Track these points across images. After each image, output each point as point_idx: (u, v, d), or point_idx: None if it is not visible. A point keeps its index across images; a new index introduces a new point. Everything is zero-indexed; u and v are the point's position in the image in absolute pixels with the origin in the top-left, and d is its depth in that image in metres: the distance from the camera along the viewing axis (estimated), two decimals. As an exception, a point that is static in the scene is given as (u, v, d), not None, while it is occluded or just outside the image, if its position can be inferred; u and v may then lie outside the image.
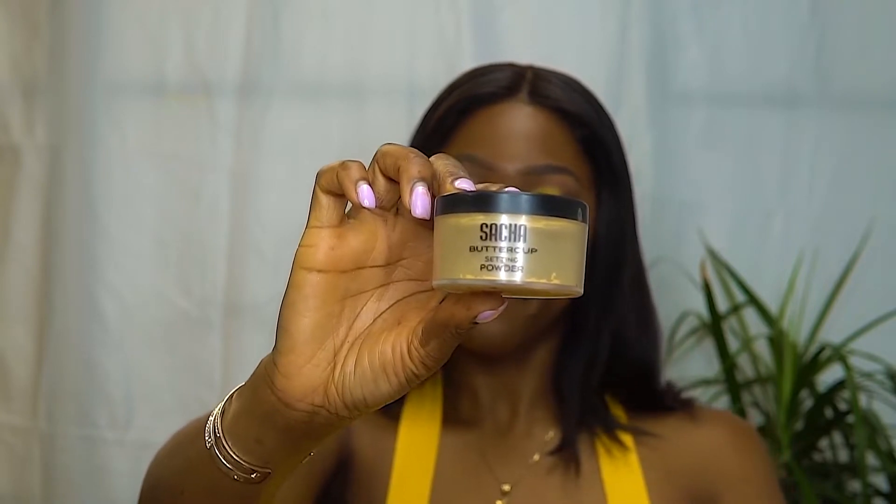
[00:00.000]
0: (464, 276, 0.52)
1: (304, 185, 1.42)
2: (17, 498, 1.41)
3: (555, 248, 0.52)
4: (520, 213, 0.51)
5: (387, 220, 0.58)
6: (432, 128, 0.94)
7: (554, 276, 0.52)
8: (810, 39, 1.37)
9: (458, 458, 0.95)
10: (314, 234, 0.56)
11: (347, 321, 0.57)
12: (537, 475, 0.94)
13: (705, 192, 1.38)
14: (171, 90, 1.39)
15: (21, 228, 1.41)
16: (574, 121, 0.92)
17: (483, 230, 0.51)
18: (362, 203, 0.54)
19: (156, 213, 1.39)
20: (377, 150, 0.56)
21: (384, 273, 0.58)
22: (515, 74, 0.95)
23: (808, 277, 1.35)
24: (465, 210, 0.52)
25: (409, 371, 0.56)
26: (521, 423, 0.97)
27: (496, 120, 0.91)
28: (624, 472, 0.94)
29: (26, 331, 1.41)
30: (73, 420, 1.38)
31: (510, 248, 0.51)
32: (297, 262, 0.56)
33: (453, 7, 1.36)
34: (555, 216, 0.52)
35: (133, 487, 1.35)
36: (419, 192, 0.53)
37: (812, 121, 1.38)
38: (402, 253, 0.58)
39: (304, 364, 0.56)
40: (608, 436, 0.95)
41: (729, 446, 0.97)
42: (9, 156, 1.41)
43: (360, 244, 0.57)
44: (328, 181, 0.56)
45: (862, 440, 1.17)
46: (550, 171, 0.90)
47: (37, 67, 1.41)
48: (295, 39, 1.37)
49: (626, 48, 1.36)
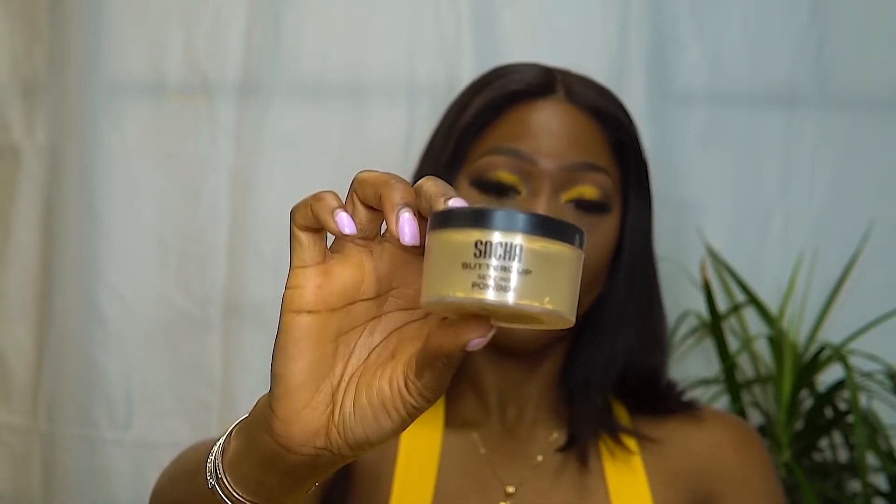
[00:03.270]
0: (454, 294, 0.49)
1: (304, 185, 1.42)
2: (17, 497, 1.41)
3: (550, 271, 0.50)
4: (516, 232, 0.49)
5: (372, 250, 0.56)
6: (467, 123, 0.93)
7: (547, 300, 0.50)
8: (810, 39, 1.37)
9: (461, 460, 0.95)
10: (298, 274, 0.54)
11: (342, 359, 0.56)
12: (541, 477, 0.94)
13: (705, 192, 1.38)
14: (171, 90, 1.39)
15: (21, 228, 1.41)
16: (609, 123, 0.94)
17: (477, 247, 0.49)
18: (342, 231, 0.53)
19: (156, 213, 1.39)
20: (353, 179, 0.54)
21: (375, 305, 0.56)
22: (546, 73, 0.96)
23: (808, 277, 1.35)
24: (459, 225, 0.50)
25: (410, 405, 0.54)
26: (526, 424, 0.97)
27: (536, 116, 0.92)
28: (628, 475, 0.94)
29: (26, 330, 1.41)
30: (73, 420, 1.38)
31: (504, 268, 0.49)
32: (285, 305, 0.55)
33: (453, 7, 1.36)
34: (552, 238, 0.50)
35: (133, 487, 1.36)
36: (405, 218, 0.51)
37: (812, 121, 1.38)
38: (392, 282, 0.56)
39: (301, 409, 0.54)
40: (612, 439, 0.95)
41: (729, 447, 0.97)
42: (9, 156, 1.42)
43: (348, 279, 0.55)
44: (303, 217, 0.54)
45: (862, 440, 1.16)
46: (589, 170, 0.91)
47: (37, 67, 1.41)
48: (295, 39, 1.37)
49: (626, 48, 1.36)
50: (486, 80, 0.97)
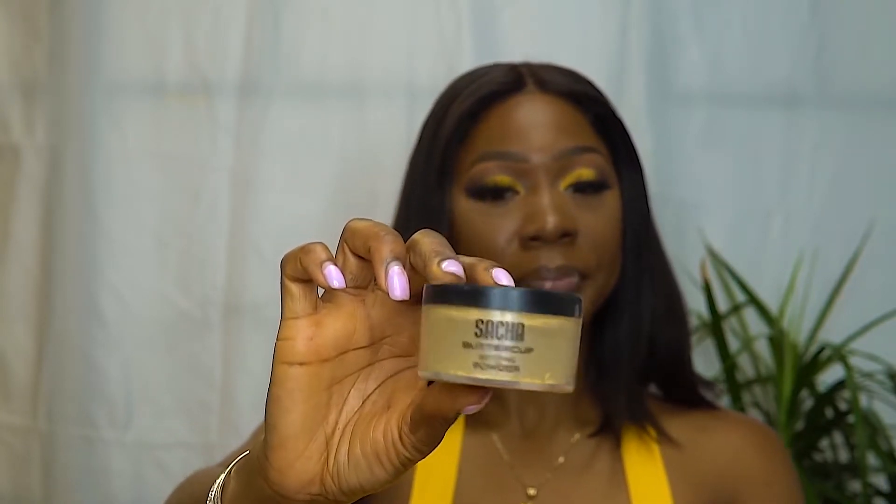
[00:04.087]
0: (456, 373, 0.49)
1: (304, 186, 1.43)
2: (17, 497, 1.41)
3: (550, 346, 0.50)
4: (517, 311, 0.49)
5: (365, 298, 0.56)
6: (448, 136, 0.93)
7: (548, 376, 0.50)
8: (810, 39, 1.37)
9: (481, 462, 0.94)
10: (290, 325, 0.54)
11: (336, 408, 0.55)
12: (563, 478, 0.94)
13: (705, 192, 1.38)
14: (171, 90, 1.39)
15: (21, 228, 1.41)
16: (585, 102, 0.94)
17: (478, 326, 0.49)
18: (331, 285, 0.52)
19: (156, 213, 1.39)
20: (344, 227, 0.54)
21: (369, 353, 0.56)
22: (513, 69, 0.96)
23: (809, 277, 1.35)
24: (459, 303, 0.49)
25: (403, 457, 0.54)
26: (547, 425, 0.96)
27: (515, 113, 0.92)
28: (648, 470, 0.93)
29: (26, 330, 1.41)
30: (73, 420, 1.38)
31: (506, 347, 0.49)
32: (277, 357, 0.54)
33: (453, 7, 1.36)
34: (553, 314, 0.50)
35: (133, 487, 1.36)
36: (395, 272, 0.51)
37: (812, 121, 1.38)
38: (385, 330, 0.56)
39: (296, 459, 0.54)
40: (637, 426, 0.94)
41: (751, 450, 0.97)
42: (9, 156, 1.41)
43: (340, 329, 0.55)
44: (293, 269, 0.54)
45: (862, 440, 1.16)
46: (580, 152, 0.91)
47: (37, 67, 1.41)
48: (295, 39, 1.37)
49: (626, 48, 1.36)
50: (455, 91, 0.97)
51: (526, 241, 0.89)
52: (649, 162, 1.35)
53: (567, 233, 0.88)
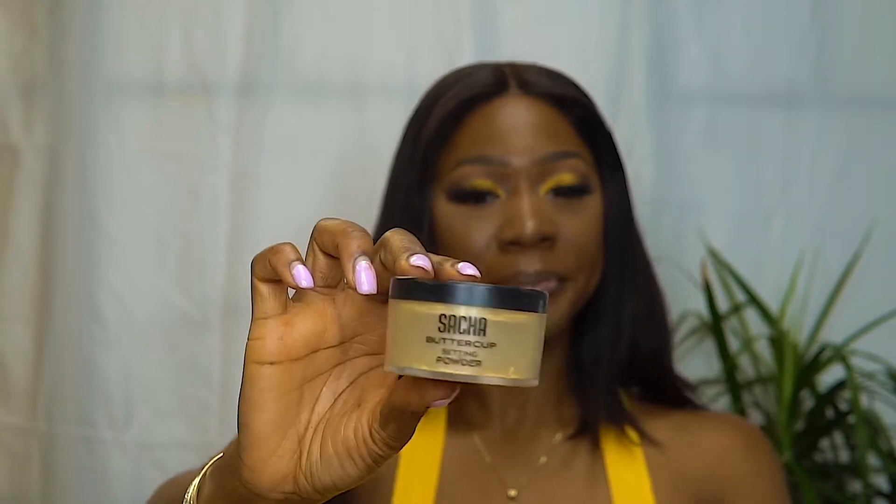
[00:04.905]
0: (419, 367, 0.50)
1: (304, 186, 1.43)
2: (17, 498, 1.41)
3: (514, 341, 0.50)
4: (480, 306, 0.49)
5: (335, 297, 0.56)
6: (430, 138, 0.93)
7: (512, 370, 0.50)
8: (811, 39, 1.37)
9: (463, 464, 0.94)
10: (260, 325, 0.55)
11: (308, 406, 0.56)
12: (544, 478, 0.94)
13: (706, 192, 1.38)
14: (170, 90, 1.38)
15: (20, 228, 1.40)
16: (568, 105, 0.93)
17: (442, 321, 0.49)
18: (299, 284, 0.53)
19: (155, 212, 1.39)
20: (314, 227, 0.55)
21: (340, 352, 0.57)
22: (497, 70, 0.95)
23: (809, 277, 1.35)
24: (423, 297, 0.50)
25: (374, 453, 0.55)
26: (529, 425, 0.96)
27: (496, 116, 0.91)
28: (630, 471, 0.93)
29: (25, 331, 1.41)
30: (73, 420, 1.37)
31: (469, 342, 0.49)
32: (248, 356, 0.55)
33: (453, 7, 1.36)
34: (517, 310, 0.50)
35: (132, 487, 1.36)
36: (362, 266, 0.51)
37: (813, 121, 1.38)
38: (356, 329, 0.57)
39: (268, 457, 0.55)
40: (617, 428, 0.94)
41: (738, 451, 0.96)
42: (8, 156, 1.41)
43: (311, 328, 0.55)
44: (262, 269, 0.54)
45: (863, 440, 1.16)
46: (561, 157, 0.91)
47: (36, 67, 1.40)
48: (295, 39, 1.37)
49: (626, 48, 1.36)
50: (438, 91, 0.96)
51: (505, 246, 0.89)
52: (649, 162, 1.36)
53: (546, 237, 0.88)
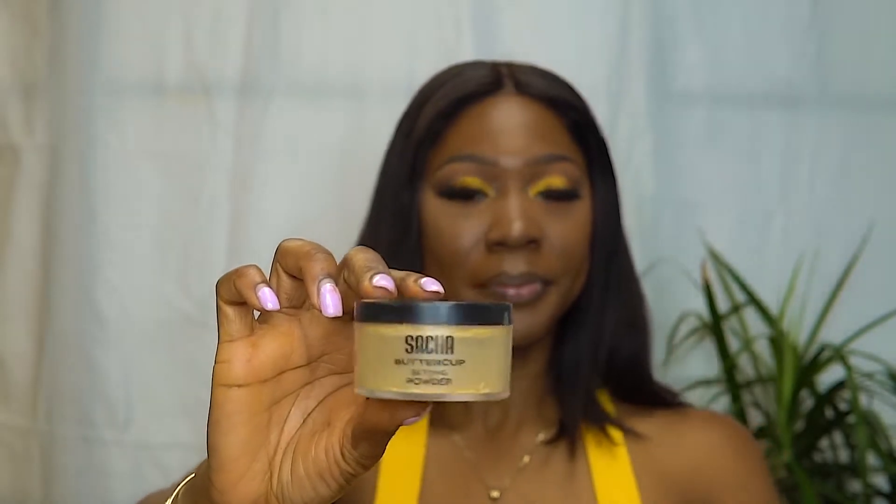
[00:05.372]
0: (390, 389, 0.50)
1: (304, 186, 1.43)
2: (17, 497, 1.41)
3: (482, 357, 0.50)
4: (446, 324, 0.50)
5: (301, 318, 0.56)
6: (422, 134, 0.92)
7: (482, 384, 0.50)
8: (811, 39, 1.37)
9: (445, 465, 0.93)
10: (227, 348, 0.55)
11: (277, 427, 0.56)
12: (527, 479, 0.93)
13: (706, 192, 1.38)
14: (170, 90, 1.38)
15: (20, 228, 1.40)
16: (562, 108, 0.92)
17: (408, 342, 0.50)
18: (265, 307, 0.53)
19: (155, 213, 1.39)
20: (277, 248, 0.55)
21: (307, 372, 0.57)
22: (493, 69, 0.94)
23: (809, 277, 1.35)
24: (388, 320, 0.50)
25: (346, 473, 0.55)
26: (511, 425, 0.95)
27: (489, 115, 0.90)
28: (614, 471, 0.92)
29: (25, 331, 1.41)
30: (73, 420, 1.37)
31: (438, 361, 0.50)
32: (215, 379, 0.55)
33: (453, 7, 1.36)
34: (482, 325, 0.50)
35: (132, 488, 1.36)
36: (327, 289, 0.51)
37: (812, 121, 1.38)
38: (323, 348, 0.56)
39: (238, 480, 0.55)
40: (599, 429, 0.94)
41: (724, 450, 0.95)
42: (8, 155, 1.41)
43: (277, 349, 0.55)
44: (227, 291, 0.54)
45: (862, 440, 1.17)
46: (553, 161, 0.90)
47: (36, 67, 1.40)
48: (295, 39, 1.37)
49: (626, 48, 1.36)
50: (432, 87, 0.96)
51: (491, 246, 0.88)
52: (649, 162, 1.36)
53: (532, 240, 0.88)
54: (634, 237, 1.35)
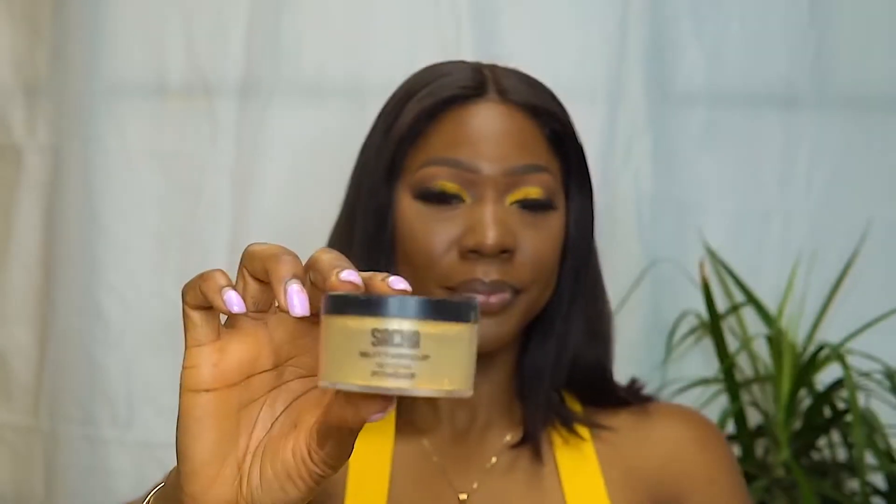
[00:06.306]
0: (353, 381, 0.50)
1: (304, 186, 1.43)
2: (19, 496, 1.41)
3: (447, 353, 0.50)
4: (412, 319, 0.50)
5: (267, 321, 0.56)
6: (402, 134, 0.91)
7: (446, 381, 0.51)
8: (809, 40, 1.38)
9: (413, 469, 0.93)
10: (194, 353, 0.55)
11: (246, 432, 0.56)
12: (495, 480, 0.93)
13: (704, 192, 1.38)
14: (171, 91, 1.39)
15: (23, 228, 1.41)
16: (544, 117, 0.91)
17: (374, 335, 0.49)
18: (231, 310, 0.53)
19: (157, 213, 1.39)
20: (243, 253, 0.55)
21: (274, 376, 0.57)
22: (477, 73, 0.93)
23: (807, 277, 1.36)
24: (355, 312, 0.50)
25: (314, 473, 0.55)
26: (478, 427, 0.95)
27: (471, 121, 0.90)
28: (581, 469, 0.92)
29: (28, 330, 1.41)
30: (75, 419, 1.38)
31: (402, 355, 0.50)
32: (183, 385, 0.55)
33: (453, 7, 1.36)
34: (447, 320, 0.50)
35: (134, 486, 1.37)
36: (294, 290, 0.51)
37: (811, 121, 1.38)
38: (290, 352, 0.57)
39: (209, 485, 0.55)
40: (565, 428, 0.94)
41: (691, 444, 0.95)
42: (10, 156, 1.42)
43: (244, 353, 0.56)
44: (193, 296, 0.54)
45: (860, 439, 1.17)
46: (531, 171, 0.89)
47: (38, 68, 1.41)
48: (295, 40, 1.38)
49: (625, 49, 1.36)
50: (415, 86, 0.94)
51: (465, 252, 0.88)
52: (648, 162, 1.36)
53: (506, 249, 0.88)
54: (633, 237, 1.36)
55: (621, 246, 1.35)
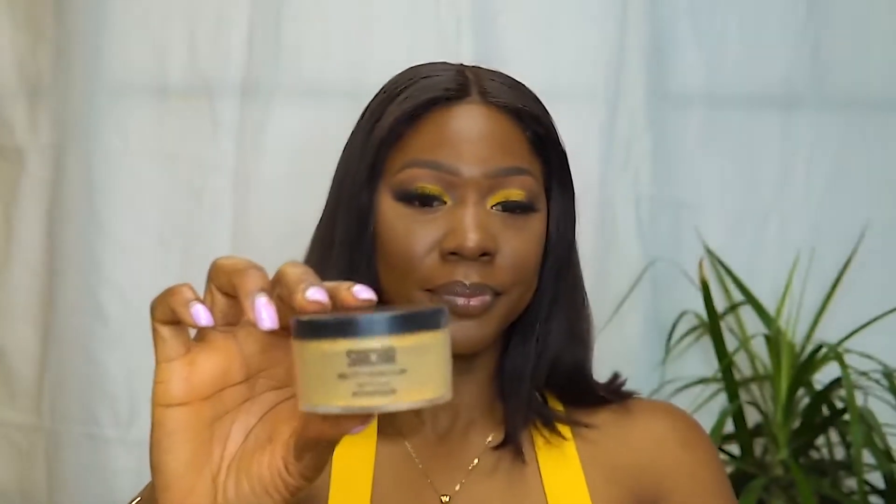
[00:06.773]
0: (335, 404, 0.50)
1: (305, 186, 1.43)
2: (23, 495, 1.42)
3: (423, 362, 0.50)
4: (385, 335, 0.49)
5: (237, 334, 0.56)
6: (383, 135, 0.90)
7: (426, 390, 0.51)
8: (807, 41, 1.38)
9: (396, 472, 0.93)
10: (164, 369, 0.55)
11: (220, 445, 0.56)
12: (477, 480, 0.92)
13: (703, 192, 1.39)
14: (173, 91, 1.39)
15: (25, 228, 1.41)
16: (526, 119, 0.91)
17: (349, 356, 0.49)
18: (199, 323, 0.53)
19: (158, 213, 1.40)
20: (210, 267, 0.55)
21: (247, 388, 0.57)
22: (459, 74, 0.93)
23: (805, 277, 1.36)
24: (328, 335, 0.50)
25: (291, 486, 0.55)
26: (460, 428, 0.95)
27: (453, 122, 0.89)
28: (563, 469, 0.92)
29: (30, 329, 1.42)
30: (77, 418, 1.38)
31: (380, 373, 0.49)
32: (155, 400, 0.55)
33: (453, 7, 1.37)
34: (421, 331, 0.50)
35: (135, 485, 1.36)
36: (262, 303, 0.51)
37: (808, 121, 1.39)
38: (261, 363, 0.57)
39: (184, 498, 0.55)
40: (546, 427, 0.94)
41: (673, 441, 0.95)
42: (13, 156, 1.42)
43: (215, 366, 0.56)
44: (161, 312, 0.55)
45: (858, 438, 1.17)
46: (513, 173, 0.89)
47: (41, 69, 1.41)
48: (296, 40, 1.38)
49: (624, 50, 1.37)
50: (397, 87, 0.94)
51: (445, 254, 0.88)
52: (647, 162, 1.37)
53: (486, 252, 0.88)
54: (632, 237, 1.36)
55: (621, 246, 1.36)
